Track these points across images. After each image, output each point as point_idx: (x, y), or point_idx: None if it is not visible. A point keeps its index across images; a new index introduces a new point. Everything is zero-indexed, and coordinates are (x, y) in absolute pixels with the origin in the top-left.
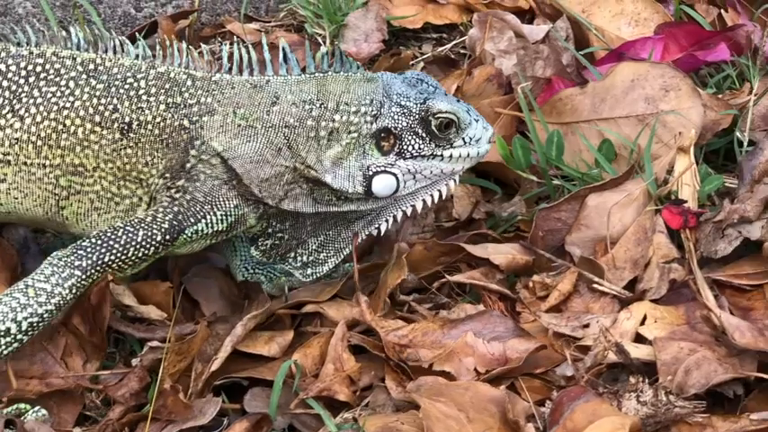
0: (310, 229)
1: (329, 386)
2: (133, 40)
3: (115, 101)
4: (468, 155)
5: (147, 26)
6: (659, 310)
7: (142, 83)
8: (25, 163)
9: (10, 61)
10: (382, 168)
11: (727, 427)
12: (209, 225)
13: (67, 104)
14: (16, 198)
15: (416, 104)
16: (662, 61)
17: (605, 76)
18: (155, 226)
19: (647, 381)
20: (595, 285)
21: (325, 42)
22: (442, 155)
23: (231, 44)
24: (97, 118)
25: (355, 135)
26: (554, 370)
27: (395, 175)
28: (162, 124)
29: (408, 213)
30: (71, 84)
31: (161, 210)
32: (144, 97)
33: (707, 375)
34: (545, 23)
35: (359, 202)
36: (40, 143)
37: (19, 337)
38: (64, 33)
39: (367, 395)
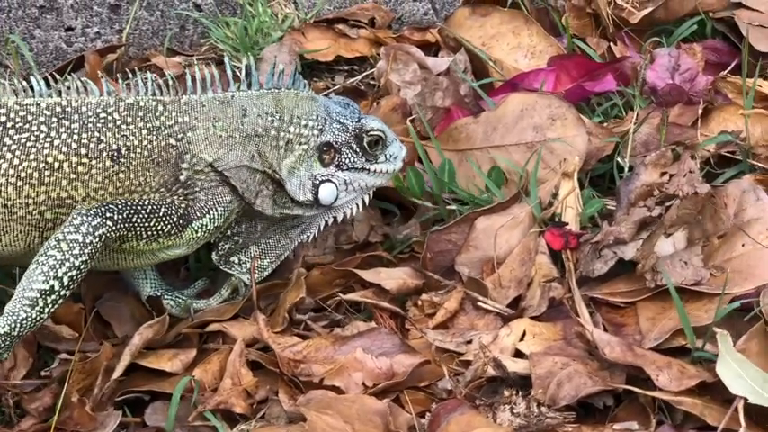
0: (258, 235)
1: (226, 399)
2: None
3: (97, 133)
4: (387, 170)
5: (73, 61)
6: (538, 326)
7: (116, 115)
8: (5, 205)
9: None
10: (326, 178)
11: None
12: (212, 221)
13: (46, 145)
14: None
15: (352, 122)
16: (551, 92)
17: (497, 106)
18: (173, 208)
19: (520, 393)
20: (480, 303)
21: (242, 74)
22: (369, 169)
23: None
24: (83, 151)
25: (305, 147)
26: (437, 384)
27: (335, 184)
28: (150, 146)
29: (330, 223)
30: (43, 128)
31: (175, 201)
32: (123, 126)
33: (576, 388)
34: (449, 56)
35: (306, 207)
36: (20, 183)
37: (63, 292)
38: (25, 83)
39: (263, 408)
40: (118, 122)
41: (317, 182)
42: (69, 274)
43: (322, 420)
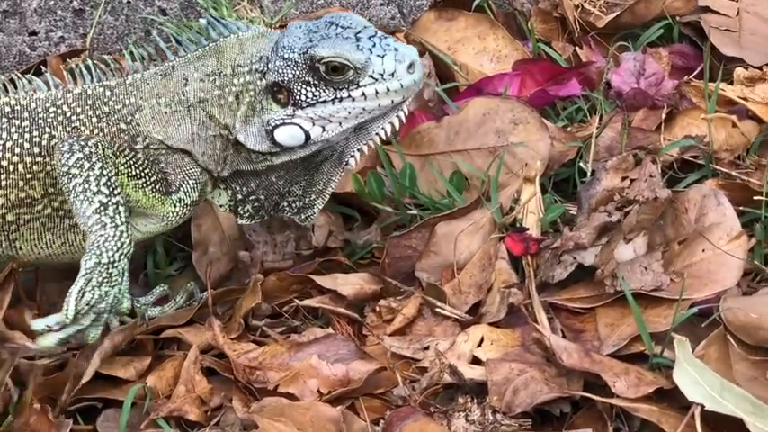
0: (282, 182)
1: (180, 406)
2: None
3: (48, 129)
4: (388, 89)
5: (35, 66)
6: (496, 332)
7: (65, 107)
8: None
9: None
10: (281, 121)
11: None
12: (187, 194)
13: None
14: None
15: (300, 54)
16: (513, 96)
17: (460, 110)
18: (152, 166)
19: (476, 400)
20: (438, 309)
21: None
22: (350, 96)
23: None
24: (36, 149)
25: (252, 93)
26: (392, 390)
27: (297, 125)
28: (101, 134)
29: (372, 145)
30: None
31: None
32: (73, 117)
33: (532, 394)
34: None
35: (289, 152)
36: None
37: (113, 200)
38: None
39: (217, 415)
40: (68, 114)
41: (270, 127)
42: (101, 181)
43: (275, 428)
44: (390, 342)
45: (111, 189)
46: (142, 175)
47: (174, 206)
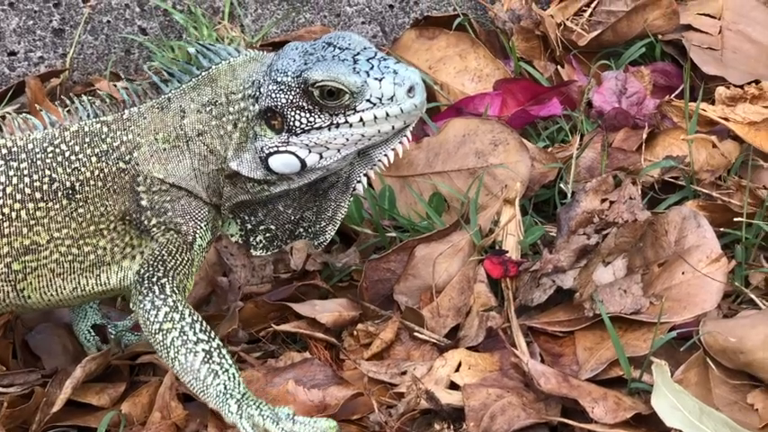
0: (291, 210)
1: None
2: None
3: (48, 172)
4: (388, 114)
5: (14, 86)
6: (474, 357)
7: (63, 146)
8: None
9: None
10: (275, 148)
11: None
12: (203, 238)
13: None
14: None
15: (294, 78)
16: (493, 117)
17: (439, 131)
18: (174, 238)
19: (453, 426)
20: (416, 333)
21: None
22: (347, 121)
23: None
24: (38, 195)
25: (245, 120)
26: (369, 416)
27: (292, 153)
28: (102, 174)
29: (378, 171)
30: None
31: (171, 234)
32: (72, 158)
33: (510, 421)
34: None
35: (287, 181)
36: None
37: (212, 344)
38: None
39: None
40: (67, 154)
41: (264, 154)
42: (196, 328)
43: None
44: (368, 367)
45: (207, 333)
46: (186, 268)
47: (197, 255)
